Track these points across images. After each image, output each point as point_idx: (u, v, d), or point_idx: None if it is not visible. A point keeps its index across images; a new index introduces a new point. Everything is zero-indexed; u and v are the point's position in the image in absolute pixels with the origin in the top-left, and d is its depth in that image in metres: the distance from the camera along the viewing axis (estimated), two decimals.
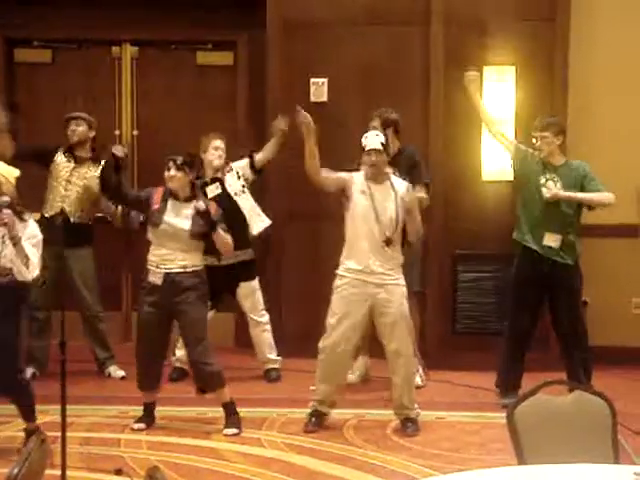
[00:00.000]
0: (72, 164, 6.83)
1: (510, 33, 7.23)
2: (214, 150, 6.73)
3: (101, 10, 7.53)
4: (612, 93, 7.33)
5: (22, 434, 5.42)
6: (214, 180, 6.73)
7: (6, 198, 5.12)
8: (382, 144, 5.67)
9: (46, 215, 6.71)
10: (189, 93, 7.85)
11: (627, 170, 7.25)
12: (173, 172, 5.70)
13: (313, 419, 5.87)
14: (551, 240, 6.10)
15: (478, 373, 6.98)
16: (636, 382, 6.89)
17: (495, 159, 7.25)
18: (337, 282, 5.76)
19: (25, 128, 7.82)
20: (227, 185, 6.75)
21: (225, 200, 6.56)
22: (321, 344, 5.81)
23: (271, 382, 6.91)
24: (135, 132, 7.88)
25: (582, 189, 6.13)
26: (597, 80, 7.33)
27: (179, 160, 5.71)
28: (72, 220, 6.74)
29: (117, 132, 7.86)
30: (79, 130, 6.84)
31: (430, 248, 7.06)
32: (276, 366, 7.01)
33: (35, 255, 5.18)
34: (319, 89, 7.41)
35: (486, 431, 5.84)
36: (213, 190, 6.66)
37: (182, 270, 5.67)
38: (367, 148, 5.66)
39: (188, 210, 5.69)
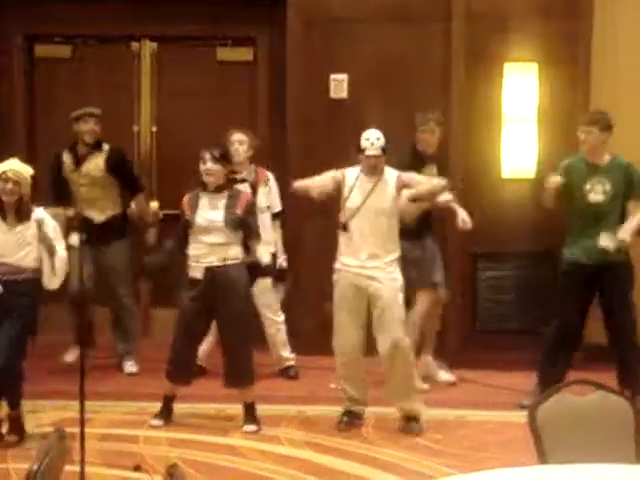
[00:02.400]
0: (76, 164, 6.80)
1: (532, 29, 7.17)
2: (233, 145, 6.68)
3: (121, 6, 7.53)
4: (635, 90, 7.26)
5: (39, 430, 5.44)
6: (243, 180, 6.70)
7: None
8: (382, 148, 5.61)
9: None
10: (209, 89, 7.83)
11: None
12: (210, 165, 5.64)
13: (345, 418, 5.84)
14: (607, 240, 5.97)
15: (499, 372, 6.95)
16: None
17: (515, 157, 7.21)
18: (335, 277, 5.76)
19: (44, 123, 7.85)
20: (260, 195, 6.71)
21: None
22: (334, 343, 5.80)
23: (290, 379, 6.89)
24: (154, 128, 7.88)
25: (628, 188, 6.03)
26: (620, 77, 7.27)
27: (216, 153, 5.65)
28: (101, 219, 6.78)
29: (136, 128, 7.85)
30: (92, 128, 6.76)
31: (450, 247, 7.02)
32: (292, 363, 6.99)
33: (62, 267, 5.27)
34: (339, 85, 7.39)
35: (507, 430, 5.80)
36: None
37: (222, 263, 5.65)
38: (367, 153, 5.61)
39: (221, 200, 5.65)
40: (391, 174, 5.72)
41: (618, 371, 6.14)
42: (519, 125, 7.22)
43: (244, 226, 5.70)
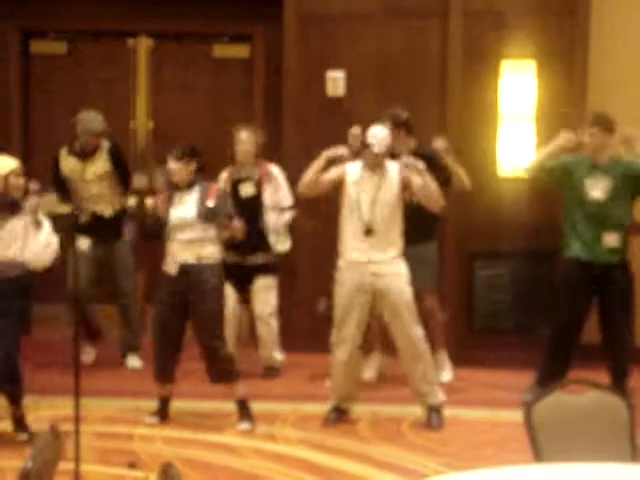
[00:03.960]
0: (80, 162, 6.81)
1: (530, 26, 7.16)
2: (238, 144, 6.67)
3: (117, 2, 7.51)
4: (632, 87, 7.26)
5: (34, 427, 5.42)
6: (248, 178, 6.69)
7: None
8: (387, 147, 5.63)
9: (81, 221, 6.73)
10: (205, 86, 7.83)
11: None
12: (172, 165, 5.67)
13: (333, 415, 5.84)
14: (610, 240, 5.97)
15: (495, 370, 6.94)
16: None
17: (512, 155, 7.20)
18: (337, 275, 5.74)
19: (40, 119, 7.84)
20: (266, 193, 6.71)
21: (254, 202, 6.61)
22: (334, 339, 5.79)
23: (268, 380, 6.81)
24: (150, 125, 7.86)
25: (633, 182, 6.01)
26: (617, 74, 7.26)
27: (178, 152, 5.67)
28: (105, 216, 6.81)
29: (132, 124, 7.84)
30: (95, 143, 6.80)
31: (446, 245, 7.02)
32: (278, 366, 6.95)
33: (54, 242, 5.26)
34: (336, 82, 7.37)
35: (503, 429, 5.79)
36: (246, 189, 6.64)
37: (197, 262, 5.65)
38: (373, 150, 5.61)
39: (191, 196, 5.66)
40: (393, 167, 5.71)
41: (610, 371, 6.15)
42: (516, 123, 7.21)
43: (217, 216, 5.68)
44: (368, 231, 5.61)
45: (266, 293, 6.81)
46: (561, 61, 7.15)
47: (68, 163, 6.82)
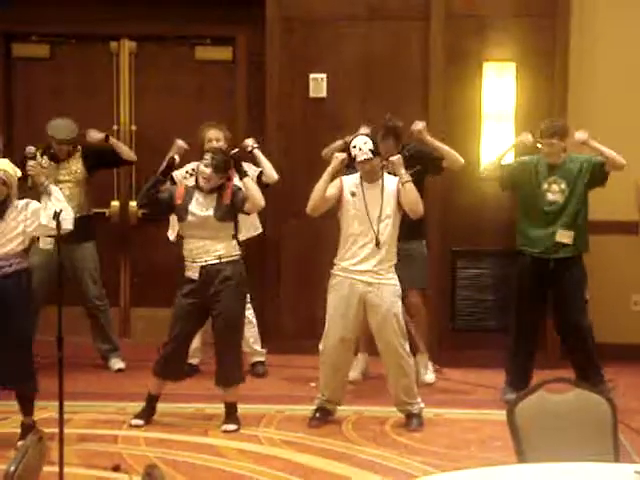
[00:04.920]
0: (54, 163, 6.82)
1: (510, 29, 7.20)
2: (209, 141, 6.65)
3: (99, 5, 7.49)
4: (612, 90, 7.30)
5: (17, 431, 5.40)
6: None
7: (31, 149, 5.51)
8: (371, 150, 5.61)
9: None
10: (188, 88, 7.82)
11: (627, 167, 7.21)
12: (209, 172, 5.65)
13: (318, 414, 5.87)
14: (564, 237, 6.13)
15: (477, 370, 6.97)
16: (635, 379, 6.87)
17: (493, 155, 7.23)
18: (331, 281, 5.77)
19: (22, 123, 7.82)
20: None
21: None
22: (321, 345, 5.82)
23: (259, 377, 6.86)
24: (133, 127, 7.85)
25: (590, 174, 6.16)
26: (597, 77, 7.31)
27: (216, 163, 5.64)
28: (77, 217, 6.78)
29: (115, 127, 7.82)
30: (69, 150, 6.84)
31: (428, 245, 7.03)
32: (262, 359, 6.97)
33: (66, 207, 5.30)
34: (318, 85, 7.39)
35: (485, 428, 5.82)
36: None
37: (218, 261, 5.65)
38: (358, 160, 5.62)
39: (212, 198, 5.67)
40: (391, 180, 5.73)
41: (576, 367, 6.23)
42: (497, 124, 7.24)
43: (234, 207, 5.68)
44: (378, 243, 5.62)
45: None
46: (542, 63, 7.19)
47: (41, 162, 6.80)
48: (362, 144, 5.61)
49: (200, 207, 5.68)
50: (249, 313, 6.90)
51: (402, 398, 5.80)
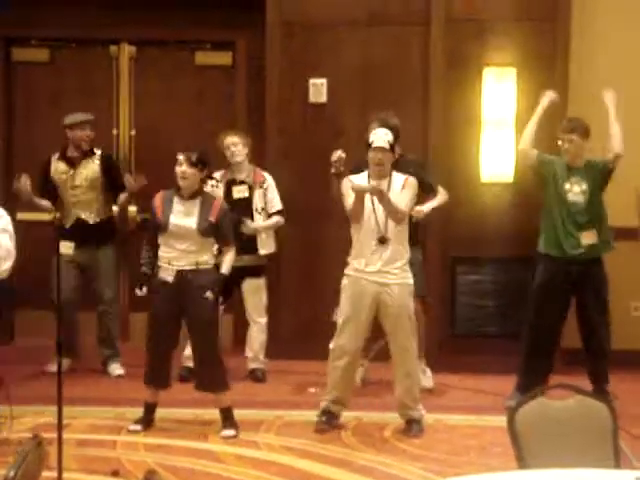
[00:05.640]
0: (70, 168, 6.85)
1: (510, 34, 7.20)
2: (228, 148, 6.72)
3: (99, 9, 7.49)
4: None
5: (16, 436, 5.39)
6: (242, 182, 6.73)
7: None
8: (390, 143, 5.61)
9: (67, 226, 6.77)
10: (187, 93, 7.82)
11: (627, 173, 7.19)
12: (185, 168, 5.61)
13: (324, 418, 5.85)
14: (588, 238, 6.13)
15: (477, 376, 6.96)
16: (635, 385, 6.87)
17: (494, 161, 7.24)
18: (344, 282, 5.75)
19: (22, 127, 7.81)
20: (255, 196, 6.78)
21: (244, 202, 6.70)
22: (331, 345, 5.80)
23: (258, 382, 6.88)
24: (133, 132, 7.85)
25: (604, 178, 6.21)
26: (597, 81, 7.29)
27: (194, 157, 5.62)
28: (91, 222, 6.82)
29: (115, 132, 7.82)
30: (88, 135, 6.87)
31: (429, 251, 7.04)
32: (262, 367, 6.98)
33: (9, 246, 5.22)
34: (318, 90, 7.39)
35: (486, 434, 5.81)
36: (241, 191, 6.68)
37: (194, 267, 5.63)
38: (374, 145, 5.59)
39: (194, 207, 5.64)
40: (399, 179, 5.71)
41: (589, 376, 6.22)
42: (498, 129, 7.25)
43: (217, 232, 5.69)
44: (382, 240, 5.61)
45: (257, 294, 6.85)
46: (542, 68, 7.19)
47: (58, 167, 6.86)
48: (383, 134, 5.62)
49: (181, 216, 5.63)
50: (263, 321, 6.91)
51: (405, 401, 5.77)
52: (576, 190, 6.14)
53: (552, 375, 6.15)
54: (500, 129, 7.24)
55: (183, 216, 5.63)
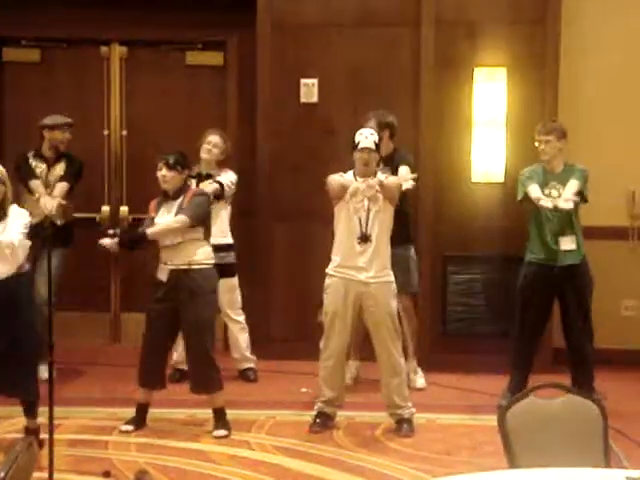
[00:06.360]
0: (45, 167, 6.82)
1: (501, 34, 7.21)
2: (205, 144, 6.72)
3: (90, 9, 7.48)
4: (603, 95, 7.33)
5: (8, 436, 5.39)
6: (208, 176, 6.72)
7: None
8: (375, 143, 5.65)
9: (33, 221, 6.66)
10: (178, 93, 7.82)
11: (618, 172, 7.25)
12: (165, 172, 5.67)
13: (318, 420, 5.85)
14: (567, 243, 6.14)
15: (469, 375, 6.97)
16: (624, 384, 6.89)
17: (485, 161, 7.25)
18: (327, 281, 5.76)
19: (12, 127, 7.80)
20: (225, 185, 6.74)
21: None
22: (321, 345, 5.81)
23: (250, 382, 6.87)
24: (124, 132, 7.84)
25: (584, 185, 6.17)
26: (588, 82, 7.33)
27: (171, 160, 5.66)
28: (59, 222, 6.75)
29: (106, 132, 7.82)
30: (67, 137, 6.84)
31: (420, 250, 7.04)
32: (252, 365, 6.98)
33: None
34: (309, 90, 7.39)
35: (477, 434, 5.82)
36: (207, 186, 6.67)
37: (187, 267, 5.64)
38: (360, 146, 5.63)
39: (176, 203, 5.67)
40: (381, 177, 5.72)
41: (572, 372, 6.25)
42: (488, 130, 7.26)
43: (184, 212, 5.64)
44: (363, 239, 5.63)
45: (232, 293, 6.82)
46: (532, 68, 7.21)
47: (35, 165, 6.80)
48: (369, 134, 5.66)
49: (165, 214, 5.68)
50: (242, 319, 6.91)
51: (394, 399, 5.78)
52: (554, 195, 6.14)
53: (542, 374, 6.14)
54: (491, 129, 7.25)
55: (166, 214, 5.68)
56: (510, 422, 3.39)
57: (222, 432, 5.71)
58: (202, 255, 5.70)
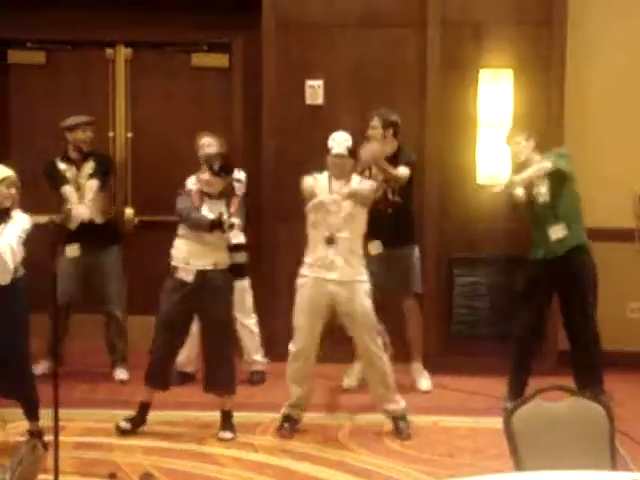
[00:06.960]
0: (74, 169, 6.85)
1: (507, 36, 7.20)
2: (201, 147, 6.70)
3: (95, 11, 7.48)
4: (609, 98, 7.31)
5: (12, 440, 5.39)
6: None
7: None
8: (348, 149, 5.65)
9: (71, 227, 6.67)
10: (184, 95, 7.81)
11: (624, 175, 7.23)
12: (209, 177, 5.65)
13: (286, 424, 5.84)
14: (557, 232, 6.14)
15: (473, 377, 6.96)
16: (630, 386, 6.87)
17: (490, 162, 7.24)
18: (299, 281, 5.76)
19: (18, 130, 7.80)
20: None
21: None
22: (291, 347, 5.80)
23: (254, 384, 6.87)
24: (129, 134, 7.84)
25: (560, 173, 6.11)
26: (594, 84, 7.32)
27: (216, 166, 5.65)
28: (96, 222, 6.79)
29: (111, 134, 7.82)
30: (89, 136, 6.88)
31: (425, 251, 7.03)
32: (261, 368, 6.97)
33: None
34: (315, 91, 7.39)
35: (482, 436, 5.81)
36: None
37: (214, 268, 5.64)
38: (333, 152, 5.66)
39: (220, 205, 5.66)
40: (357, 179, 5.77)
41: (575, 372, 6.23)
42: (494, 131, 7.24)
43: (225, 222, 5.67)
44: (332, 240, 5.62)
45: (241, 295, 6.80)
46: (538, 70, 7.20)
47: (66, 170, 6.83)
48: (342, 140, 5.66)
49: (204, 210, 5.67)
50: (252, 322, 6.91)
51: (378, 390, 5.76)
52: (542, 191, 6.17)
53: (547, 377, 6.13)
54: (496, 130, 7.23)
55: (207, 212, 5.64)
56: (516, 425, 3.38)
57: (228, 434, 5.71)
58: (225, 257, 5.72)
